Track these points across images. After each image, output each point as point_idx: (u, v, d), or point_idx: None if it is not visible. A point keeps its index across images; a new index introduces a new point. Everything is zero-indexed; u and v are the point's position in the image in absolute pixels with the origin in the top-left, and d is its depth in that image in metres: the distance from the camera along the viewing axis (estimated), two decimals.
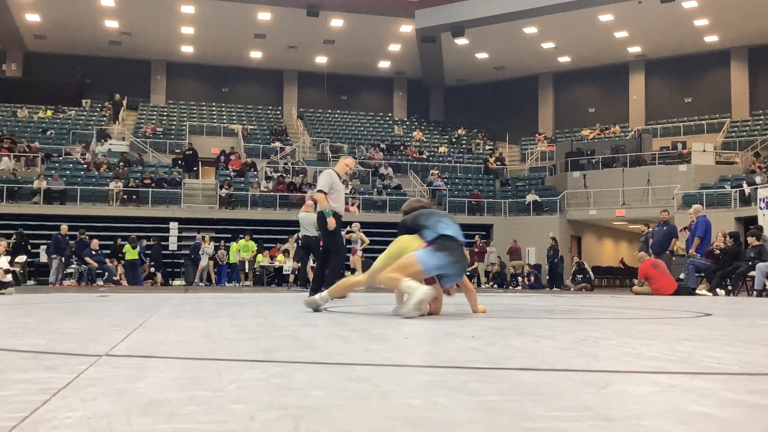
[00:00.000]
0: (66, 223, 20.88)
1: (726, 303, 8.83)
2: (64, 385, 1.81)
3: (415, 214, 5.41)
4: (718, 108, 33.00)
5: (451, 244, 5.09)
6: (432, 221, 5.23)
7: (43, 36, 33.15)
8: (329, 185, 8.36)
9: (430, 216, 5.31)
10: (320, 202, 8.34)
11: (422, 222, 5.26)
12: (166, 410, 1.50)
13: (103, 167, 25.86)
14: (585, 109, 36.44)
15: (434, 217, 5.29)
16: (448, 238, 5.10)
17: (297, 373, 2.07)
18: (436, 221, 5.23)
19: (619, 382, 1.96)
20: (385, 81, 39.20)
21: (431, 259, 4.97)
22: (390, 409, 1.53)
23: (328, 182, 8.37)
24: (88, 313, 5.38)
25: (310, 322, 4.35)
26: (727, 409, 1.54)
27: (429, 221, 5.24)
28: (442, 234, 5.10)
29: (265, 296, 10.18)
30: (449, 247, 5.06)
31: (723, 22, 30.22)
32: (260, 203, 25.36)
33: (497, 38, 32.60)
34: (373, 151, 31.86)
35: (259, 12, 31.19)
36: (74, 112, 32.79)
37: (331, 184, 8.38)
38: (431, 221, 5.23)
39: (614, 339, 3.28)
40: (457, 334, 3.44)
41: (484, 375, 2.08)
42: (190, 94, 36.85)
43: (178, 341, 3.07)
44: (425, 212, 5.38)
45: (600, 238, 29.59)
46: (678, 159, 26.02)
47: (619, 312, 6.25)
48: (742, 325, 4.53)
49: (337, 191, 8.50)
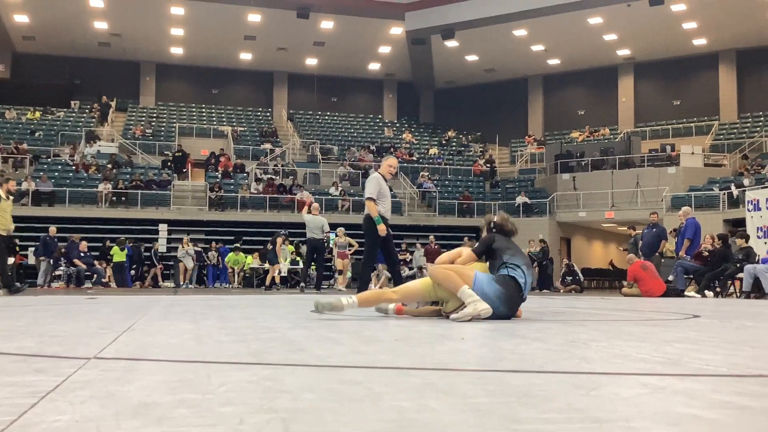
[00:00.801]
0: (54, 224, 20.77)
1: (714, 305, 8.88)
2: (53, 388, 1.80)
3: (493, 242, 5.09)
4: (706, 111, 33.20)
5: (513, 291, 4.83)
6: (507, 255, 4.96)
7: (32, 37, 32.99)
8: (377, 191, 8.17)
9: (507, 250, 5.02)
10: (370, 209, 8.14)
11: (500, 253, 5.00)
12: (156, 413, 1.50)
13: (91, 169, 25.75)
14: (574, 111, 36.58)
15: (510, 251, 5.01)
16: (516, 284, 4.86)
17: (287, 376, 2.07)
18: (512, 255, 4.97)
19: (609, 384, 1.97)
20: (375, 83, 39.22)
21: (485, 285, 4.74)
22: (380, 412, 1.52)
23: (375, 188, 8.18)
24: (77, 315, 5.35)
25: (300, 324, 4.34)
26: (715, 411, 1.55)
27: (505, 255, 4.97)
28: (510, 276, 4.87)
29: (255, 298, 10.15)
30: (509, 289, 4.80)
31: (711, 25, 30.41)
32: (250, 205, 25.31)
33: (487, 40, 32.69)
34: (363, 153, 31.87)
35: (249, 14, 31.16)
36: (63, 114, 32.64)
37: (379, 190, 8.19)
38: (506, 255, 4.96)
39: (604, 341, 3.30)
40: (447, 336, 3.45)
41: (474, 377, 2.08)
42: (179, 96, 36.75)
43: (168, 343, 3.06)
44: (503, 246, 5.07)
45: (589, 240, 29.69)
46: (667, 161, 26.16)
47: (609, 314, 6.27)
48: (730, 327, 4.55)
49: (385, 196, 8.32)
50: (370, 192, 8.20)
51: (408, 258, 23.37)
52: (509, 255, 4.97)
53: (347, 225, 24.25)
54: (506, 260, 4.94)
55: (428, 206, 27.86)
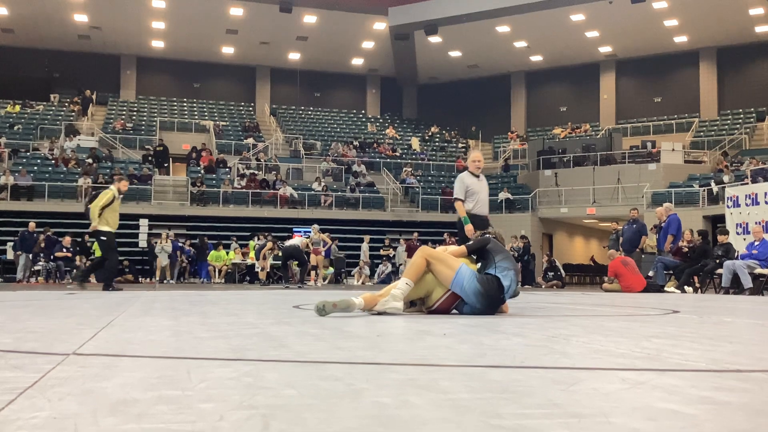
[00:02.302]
0: (34, 219, 20.55)
1: (694, 300, 8.96)
2: (30, 385, 1.78)
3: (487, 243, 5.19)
4: (686, 108, 33.48)
5: (495, 292, 4.91)
6: (499, 257, 5.05)
7: (11, 30, 32.58)
8: (463, 190, 8.02)
9: (499, 253, 5.11)
10: (458, 210, 8.02)
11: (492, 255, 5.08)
12: (134, 410, 1.48)
13: (71, 163, 25.51)
14: (556, 107, 36.76)
15: (502, 255, 5.10)
16: (499, 285, 4.93)
17: (268, 372, 2.06)
18: (503, 258, 5.06)
19: (588, 379, 1.98)
20: (359, 78, 39.16)
21: (465, 281, 4.83)
22: (361, 408, 1.52)
23: (461, 188, 8.03)
24: (56, 311, 5.31)
25: (281, 320, 4.33)
26: (693, 406, 1.56)
27: (497, 257, 5.05)
28: (497, 276, 4.94)
29: (237, 294, 10.11)
30: (490, 289, 4.88)
31: (692, 23, 30.65)
32: (232, 200, 25.19)
33: (470, 37, 32.75)
34: (346, 148, 31.84)
35: (231, 7, 30.97)
36: (42, 107, 32.31)
37: (465, 189, 8.02)
38: (498, 258, 5.05)
39: (584, 336, 3.31)
40: (428, 332, 3.45)
41: (455, 373, 2.08)
42: (160, 90, 36.48)
43: (147, 340, 3.04)
44: (497, 248, 5.17)
45: (571, 236, 29.87)
46: (647, 158, 26.36)
47: (589, 309, 6.31)
48: (709, 323, 4.60)
49: (475, 192, 8.05)
50: (456, 193, 8.09)
51: (391, 254, 23.39)
52: (500, 258, 5.08)
53: (330, 221, 24.29)
54: (497, 262, 5.04)
55: (411, 202, 27.89)
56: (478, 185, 8.07)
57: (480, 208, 8.06)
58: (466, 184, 8.03)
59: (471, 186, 8.03)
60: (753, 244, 13.27)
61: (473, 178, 8.09)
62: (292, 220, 24.67)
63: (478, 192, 8.05)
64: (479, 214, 8.01)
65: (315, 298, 7.24)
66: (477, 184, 8.07)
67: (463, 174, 8.22)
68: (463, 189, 8.01)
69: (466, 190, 8.01)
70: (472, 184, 8.05)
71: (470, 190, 8.02)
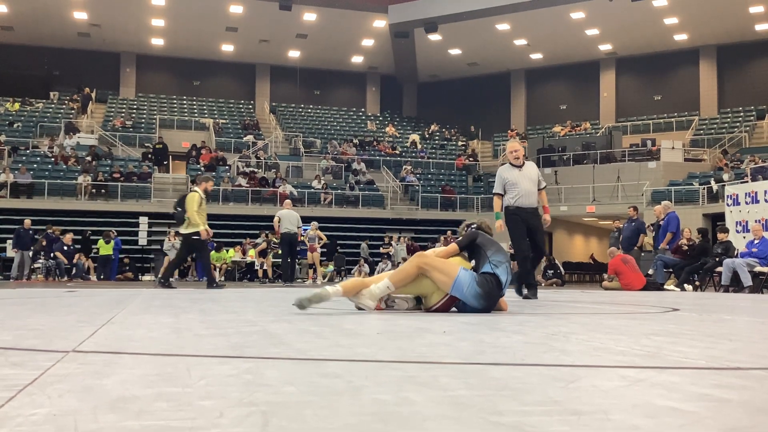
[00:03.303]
0: (34, 217, 20.55)
1: (693, 298, 8.97)
2: (30, 382, 1.78)
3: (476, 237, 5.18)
4: (686, 106, 33.47)
5: (494, 290, 4.94)
6: (491, 251, 5.05)
7: (10, 27, 32.56)
8: (501, 185, 7.84)
9: (491, 246, 5.12)
10: (494, 206, 7.92)
11: (484, 249, 5.08)
12: (134, 407, 1.48)
13: (71, 161, 25.50)
14: (556, 105, 36.74)
15: (494, 248, 5.10)
16: (497, 282, 4.95)
17: (268, 369, 2.06)
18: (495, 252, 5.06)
19: (588, 376, 1.98)
20: (358, 76, 39.14)
21: (465, 287, 4.83)
22: (361, 405, 1.52)
23: (499, 182, 7.86)
24: (56, 308, 5.31)
25: (281, 317, 4.33)
26: (693, 403, 1.56)
27: (489, 251, 5.06)
28: (493, 273, 4.95)
29: (236, 291, 10.11)
30: (490, 289, 4.90)
31: (692, 21, 30.64)
32: (232, 198, 25.19)
33: (470, 34, 32.73)
34: (346, 146, 31.82)
35: (231, 5, 30.95)
36: (42, 105, 32.30)
37: (503, 183, 7.82)
38: (490, 252, 5.05)
39: (583, 334, 3.32)
40: (428, 330, 3.45)
41: (454, 370, 2.08)
42: (160, 88, 36.46)
43: (147, 337, 3.04)
44: (486, 241, 5.16)
45: (570, 234, 29.88)
46: (647, 156, 26.35)
47: (589, 307, 6.32)
48: (708, 320, 4.60)
49: (514, 185, 7.77)
50: (495, 188, 7.95)
51: (391, 252, 23.40)
52: (493, 252, 5.07)
53: (330, 219, 24.27)
54: (490, 257, 5.02)
55: (411, 200, 27.89)
56: (518, 176, 7.76)
57: (522, 200, 7.73)
58: (504, 177, 7.82)
59: (510, 178, 7.77)
60: (753, 242, 13.27)
61: (513, 170, 7.80)
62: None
63: (517, 183, 7.73)
64: (523, 206, 7.71)
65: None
66: (517, 176, 7.76)
67: (501, 167, 8.02)
68: (500, 184, 7.84)
69: (504, 184, 7.81)
70: (511, 176, 7.77)
71: (509, 182, 7.77)
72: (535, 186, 7.88)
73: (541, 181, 8.10)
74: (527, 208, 7.73)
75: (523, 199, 7.73)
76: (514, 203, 7.72)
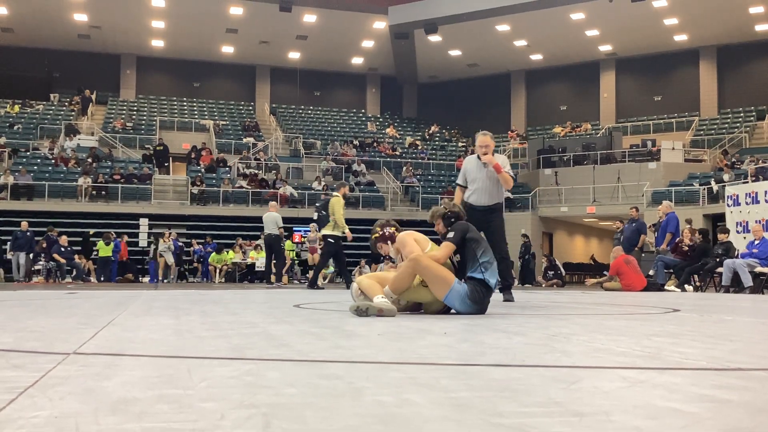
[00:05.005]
0: (34, 219, 20.53)
1: (694, 299, 8.97)
2: (31, 384, 1.78)
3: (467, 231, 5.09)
4: (687, 106, 33.46)
5: (486, 297, 4.93)
6: (480, 251, 5.00)
7: (10, 29, 32.56)
8: (463, 177, 7.33)
9: (480, 244, 5.06)
10: (455, 197, 7.42)
11: (473, 247, 5.01)
12: (135, 409, 1.49)
13: (71, 162, 25.50)
14: (556, 106, 36.73)
15: (482, 247, 5.05)
16: (486, 288, 4.92)
17: (269, 371, 2.06)
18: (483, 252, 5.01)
19: (589, 377, 1.98)
20: (359, 77, 39.14)
21: (460, 301, 4.81)
22: (362, 407, 1.52)
23: (461, 174, 7.37)
24: (56, 310, 5.31)
25: (282, 319, 4.33)
26: (694, 404, 1.56)
27: (478, 250, 4.99)
28: (483, 280, 4.91)
29: (237, 293, 10.11)
30: (481, 298, 4.88)
31: (692, 22, 30.63)
32: (232, 199, 25.19)
33: (470, 35, 32.74)
34: (346, 147, 31.82)
35: (231, 6, 30.94)
36: (42, 107, 32.29)
37: (464, 175, 7.32)
38: (479, 251, 4.99)
39: (584, 335, 3.32)
40: (429, 331, 3.45)
41: (455, 371, 2.08)
42: (160, 89, 36.45)
43: (148, 339, 3.04)
44: (476, 236, 5.11)
45: (571, 235, 29.87)
46: (647, 157, 26.34)
47: (589, 308, 6.31)
48: (709, 321, 4.60)
49: (474, 180, 7.21)
50: (458, 179, 7.49)
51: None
52: (481, 251, 5.02)
53: None
54: (480, 258, 4.98)
55: (411, 201, 27.87)
56: (476, 174, 7.20)
57: (475, 197, 7.19)
58: (465, 169, 7.36)
59: (470, 174, 7.27)
60: (753, 242, 13.26)
61: (476, 162, 7.22)
62: (292, 219, 24.65)
63: (477, 179, 7.18)
64: (475, 203, 7.15)
65: (315, 297, 7.24)
66: (476, 172, 7.20)
67: (467, 158, 7.52)
68: (462, 174, 7.37)
69: (465, 175, 7.32)
70: (472, 171, 7.25)
71: (470, 176, 7.28)
72: (496, 185, 7.21)
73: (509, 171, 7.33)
74: (479, 207, 7.14)
75: (476, 196, 7.18)
76: (467, 199, 7.25)
